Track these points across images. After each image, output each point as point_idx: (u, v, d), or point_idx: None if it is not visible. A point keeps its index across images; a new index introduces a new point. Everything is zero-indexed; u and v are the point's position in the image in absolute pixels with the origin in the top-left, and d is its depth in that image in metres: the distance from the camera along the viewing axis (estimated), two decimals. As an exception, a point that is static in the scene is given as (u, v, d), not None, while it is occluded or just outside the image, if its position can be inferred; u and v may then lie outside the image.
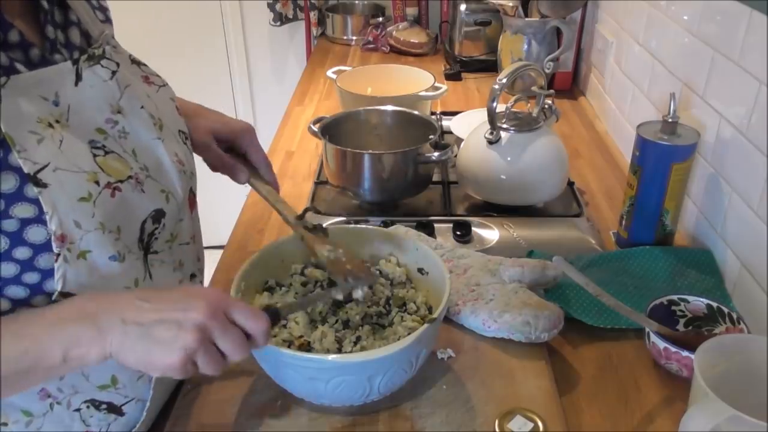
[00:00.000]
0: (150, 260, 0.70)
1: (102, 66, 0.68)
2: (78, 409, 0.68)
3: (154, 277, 0.70)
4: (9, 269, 0.59)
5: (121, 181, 0.65)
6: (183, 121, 0.80)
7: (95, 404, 0.69)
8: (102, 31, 0.72)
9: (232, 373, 0.77)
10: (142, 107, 0.71)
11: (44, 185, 0.58)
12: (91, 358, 0.57)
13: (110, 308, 0.58)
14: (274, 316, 0.64)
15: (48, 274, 0.60)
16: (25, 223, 0.58)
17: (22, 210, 0.58)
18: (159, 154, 0.72)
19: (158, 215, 0.70)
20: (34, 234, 0.59)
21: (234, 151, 0.88)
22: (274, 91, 2.48)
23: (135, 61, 0.76)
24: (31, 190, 0.58)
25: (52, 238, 0.59)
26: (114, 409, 0.70)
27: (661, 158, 0.94)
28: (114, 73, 0.69)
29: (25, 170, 0.58)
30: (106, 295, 0.60)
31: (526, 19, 1.54)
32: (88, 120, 0.66)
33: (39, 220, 0.58)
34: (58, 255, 0.59)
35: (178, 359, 0.55)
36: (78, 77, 0.65)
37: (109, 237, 0.63)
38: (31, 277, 0.60)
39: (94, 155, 0.64)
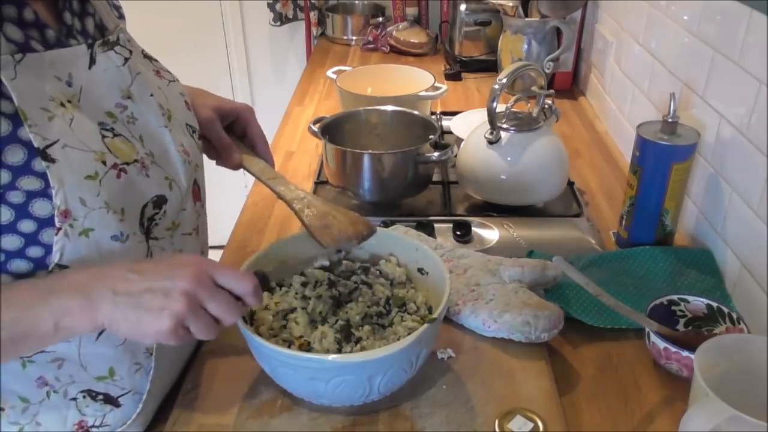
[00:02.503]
0: (150, 245, 0.70)
1: (115, 52, 0.70)
2: (74, 398, 0.69)
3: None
4: (14, 242, 0.60)
5: (128, 164, 0.66)
6: (192, 115, 0.81)
7: (92, 394, 0.70)
8: (117, 24, 0.74)
9: (232, 373, 0.77)
10: (151, 95, 0.72)
11: (52, 160, 0.60)
12: (83, 327, 0.60)
13: (101, 280, 0.60)
14: (263, 279, 0.68)
15: (51, 249, 0.61)
16: (30, 196, 0.59)
17: (29, 183, 0.59)
18: (165, 142, 0.73)
19: (160, 201, 0.71)
20: (39, 208, 0.60)
21: (231, 133, 0.91)
22: (274, 91, 2.48)
23: (147, 56, 0.78)
24: (39, 164, 0.59)
25: (56, 212, 0.60)
26: (110, 401, 0.71)
27: (661, 158, 0.94)
28: (126, 60, 0.71)
29: (35, 144, 0.59)
30: (96, 268, 0.61)
31: (526, 19, 1.54)
32: (99, 102, 0.67)
33: (44, 194, 0.60)
34: (59, 229, 0.60)
35: (168, 325, 0.58)
36: (92, 61, 0.67)
37: (114, 217, 0.64)
38: (35, 251, 0.61)
39: (103, 136, 0.65)
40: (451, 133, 1.33)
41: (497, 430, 0.67)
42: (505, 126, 1.08)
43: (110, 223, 0.63)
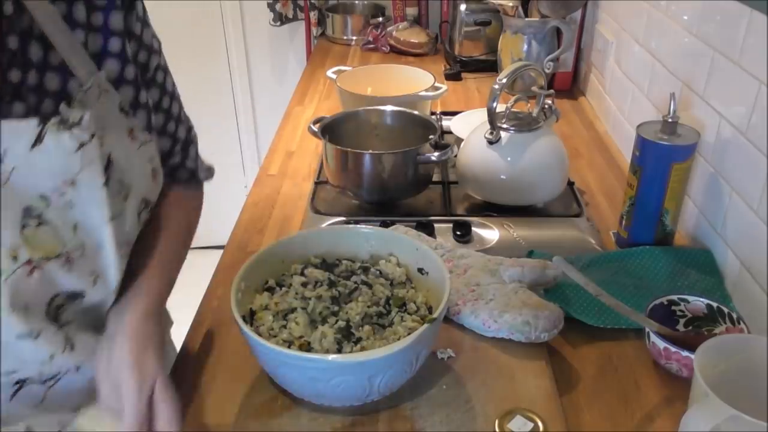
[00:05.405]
0: (66, 331, 0.65)
1: (72, 134, 0.60)
2: None
3: (77, 347, 0.66)
4: None
5: (48, 259, 0.60)
6: (155, 187, 0.73)
7: None
8: (91, 72, 0.63)
9: (232, 373, 0.77)
10: (104, 183, 0.63)
11: None
12: None
13: None
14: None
15: None
16: None
17: None
18: (101, 237, 0.65)
19: (74, 296, 0.65)
20: None
21: None
22: (274, 91, 2.48)
23: (124, 110, 0.68)
24: None
25: None
26: None
27: (661, 158, 0.94)
28: (82, 145, 0.60)
29: None
30: None
31: (526, 19, 1.54)
32: (32, 185, 0.59)
33: None
34: None
35: None
36: (38, 139, 0.58)
37: (16, 316, 0.58)
38: None
39: (24, 226, 0.58)
40: (451, 133, 1.33)
41: (497, 430, 0.67)
42: (505, 126, 1.08)
43: (13, 323, 0.58)
